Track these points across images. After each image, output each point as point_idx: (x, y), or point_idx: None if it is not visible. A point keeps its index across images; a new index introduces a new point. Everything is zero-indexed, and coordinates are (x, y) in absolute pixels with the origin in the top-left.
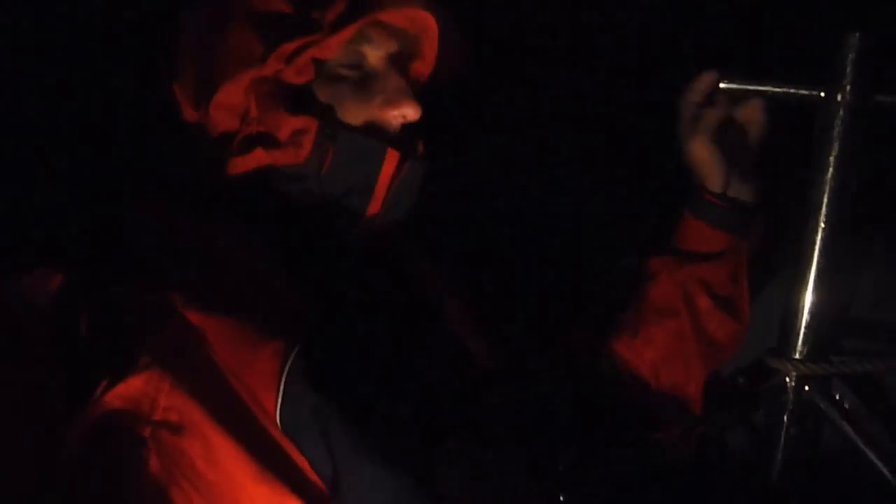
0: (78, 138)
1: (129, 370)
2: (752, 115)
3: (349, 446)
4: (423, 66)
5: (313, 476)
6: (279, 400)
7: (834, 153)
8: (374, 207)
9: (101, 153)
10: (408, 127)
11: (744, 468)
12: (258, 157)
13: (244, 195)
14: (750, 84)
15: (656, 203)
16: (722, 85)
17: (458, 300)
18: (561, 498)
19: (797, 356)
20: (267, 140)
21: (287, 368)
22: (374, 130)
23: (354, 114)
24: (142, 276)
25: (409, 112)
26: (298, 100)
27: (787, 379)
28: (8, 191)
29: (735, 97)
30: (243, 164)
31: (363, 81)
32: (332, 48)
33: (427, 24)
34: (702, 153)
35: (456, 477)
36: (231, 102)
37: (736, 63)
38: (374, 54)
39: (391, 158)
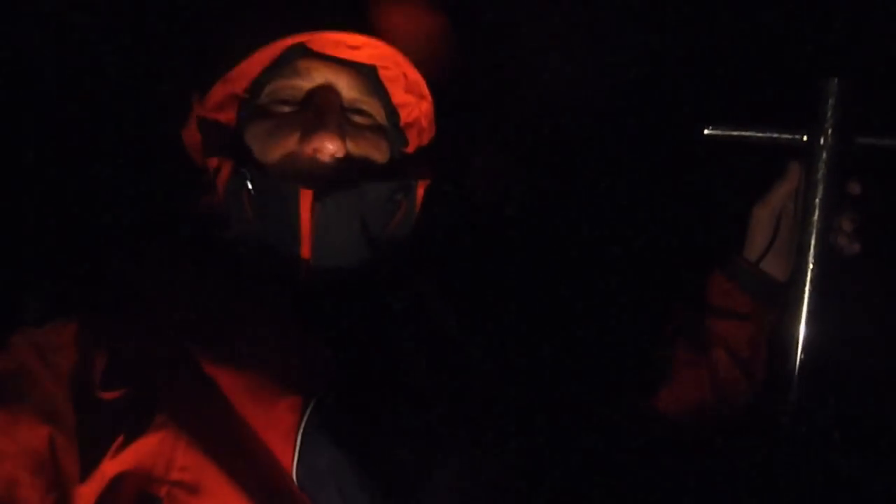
0: (86, 182)
1: (145, 428)
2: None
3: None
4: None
5: None
6: (296, 455)
7: (819, 195)
8: (304, 251)
9: (109, 197)
10: (337, 161)
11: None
12: (205, 201)
13: (217, 246)
14: (734, 130)
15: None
16: (707, 132)
17: (474, 339)
18: None
19: (792, 396)
20: (209, 183)
21: (304, 423)
22: (293, 168)
23: (274, 151)
24: (154, 326)
25: (325, 145)
26: (232, 141)
27: (783, 419)
28: (16, 238)
29: None
30: (205, 208)
31: (289, 116)
32: (240, 81)
33: (378, 51)
34: (760, 218)
35: None
36: (190, 143)
37: (720, 111)
38: (301, 86)
39: (305, 198)
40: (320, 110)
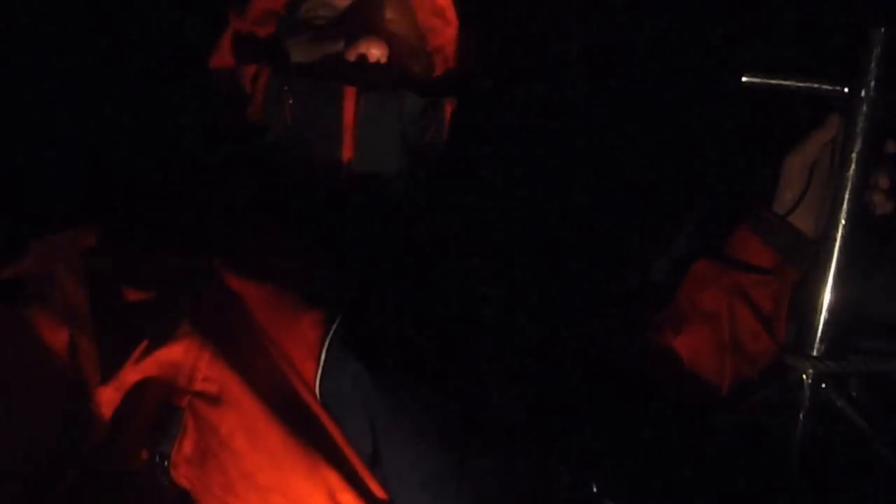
0: (114, 104)
1: (170, 336)
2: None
3: (390, 419)
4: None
5: (349, 449)
6: (319, 370)
7: (856, 149)
8: (346, 152)
9: (137, 119)
10: (379, 67)
11: (758, 463)
12: (242, 114)
13: (249, 156)
14: (773, 79)
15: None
16: (745, 79)
17: (491, 264)
18: (594, 487)
19: (815, 353)
20: (245, 96)
21: (329, 338)
22: (336, 70)
23: (317, 55)
24: (181, 240)
25: (371, 49)
26: (270, 53)
27: (804, 376)
28: (40, 154)
29: None
30: (240, 123)
31: (329, 27)
32: None
33: None
34: (792, 168)
35: (490, 457)
36: (222, 63)
37: (760, 58)
38: (337, 2)
39: (349, 96)
40: (366, 17)
